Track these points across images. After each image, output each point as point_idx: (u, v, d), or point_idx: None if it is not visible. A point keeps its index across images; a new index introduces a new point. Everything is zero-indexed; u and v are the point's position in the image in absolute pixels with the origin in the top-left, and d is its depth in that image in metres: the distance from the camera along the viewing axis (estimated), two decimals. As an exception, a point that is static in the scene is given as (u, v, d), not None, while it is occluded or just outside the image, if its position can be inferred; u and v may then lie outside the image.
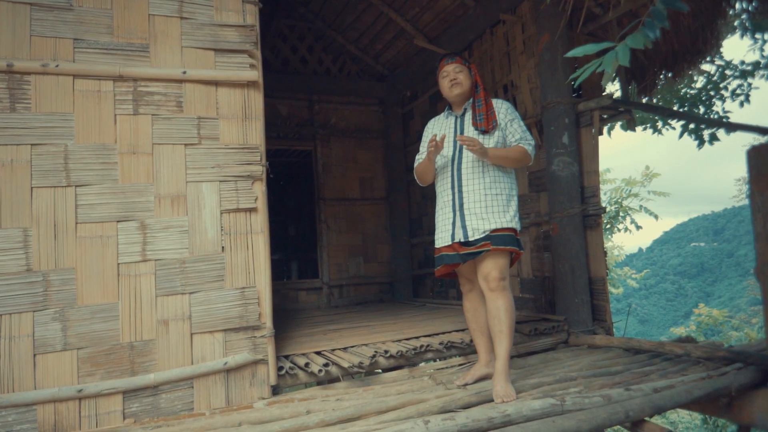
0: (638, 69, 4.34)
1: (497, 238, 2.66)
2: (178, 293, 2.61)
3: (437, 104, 5.83)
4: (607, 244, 11.36)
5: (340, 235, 6.23)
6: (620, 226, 10.25)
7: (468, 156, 2.78)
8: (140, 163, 2.60)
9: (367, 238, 6.42)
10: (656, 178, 10.64)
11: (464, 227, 2.72)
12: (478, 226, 2.69)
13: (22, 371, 2.34)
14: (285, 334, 3.89)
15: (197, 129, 2.72)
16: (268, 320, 2.78)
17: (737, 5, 3.49)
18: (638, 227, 10.15)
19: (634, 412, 2.24)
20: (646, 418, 2.33)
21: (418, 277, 6.35)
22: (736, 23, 6.65)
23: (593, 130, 3.75)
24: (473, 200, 2.73)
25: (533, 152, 2.82)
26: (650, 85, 4.34)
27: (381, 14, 5.70)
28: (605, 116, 4.24)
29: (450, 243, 2.78)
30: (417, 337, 3.41)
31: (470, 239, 2.69)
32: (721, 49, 6.37)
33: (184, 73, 2.68)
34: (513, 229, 2.73)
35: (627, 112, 4.08)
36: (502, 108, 2.86)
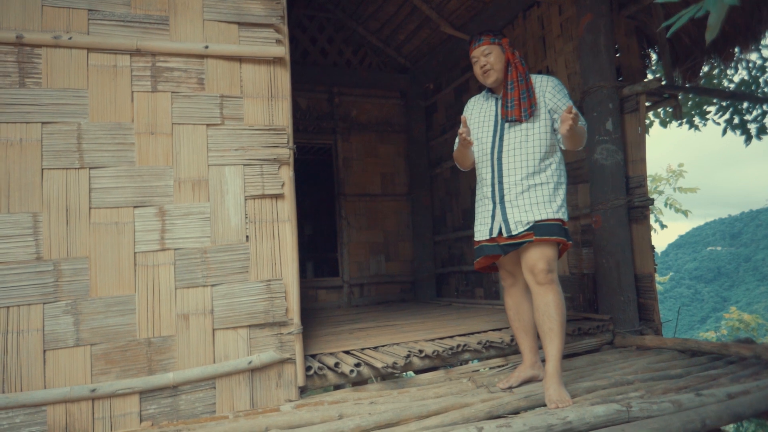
0: (683, 53, 4.07)
1: (542, 228, 2.40)
2: (199, 285, 2.40)
3: (462, 97, 5.60)
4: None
5: (360, 232, 6.01)
6: None
7: (509, 143, 2.51)
8: (159, 144, 2.40)
9: (388, 235, 6.18)
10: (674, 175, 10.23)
11: (506, 221, 2.47)
12: (521, 218, 2.43)
13: (31, 369, 2.14)
14: (308, 332, 3.67)
15: (220, 108, 2.51)
16: (295, 316, 2.56)
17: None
18: (663, 226, 9.73)
19: (711, 420, 1.99)
20: (723, 428, 2.08)
21: (441, 275, 6.11)
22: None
23: (639, 117, 3.49)
24: (516, 192, 2.46)
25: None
26: (695, 70, 4.06)
27: (404, 2, 5.48)
28: (648, 104, 3.99)
29: (488, 237, 2.54)
30: (452, 337, 3.17)
31: (513, 233, 2.44)
32: (762, 42, 6.08)
33: (206, 47, 2.48)
34: (560, 219, 2.45)
35: (673, 99, 3.83)
36: (548, 86, 2.52)
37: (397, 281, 6.17)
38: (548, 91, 2.53)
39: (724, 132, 6.19)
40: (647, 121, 6.38)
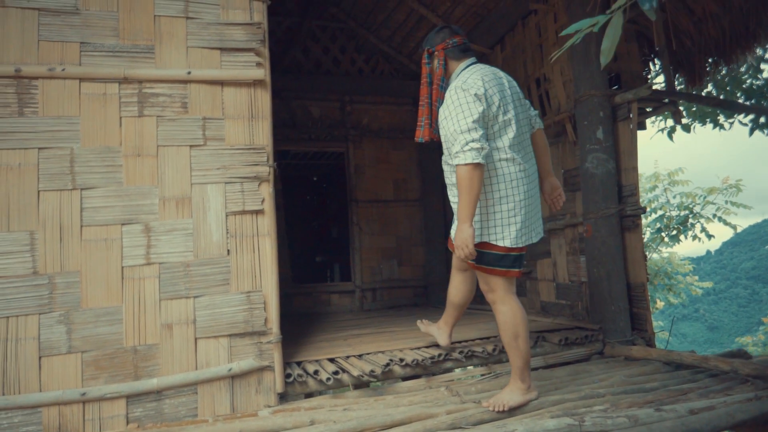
0: (685, 57, 3.99)
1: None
2: (182, 297, 2.57)
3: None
4: (670, 250, 10.54)
5: (372, 237, 6.11)
6: (690, 234, 9.40)
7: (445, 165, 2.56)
8: (145, 165, 2.58)
9: (401, 240, 6.26)
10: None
11: None
12: None
13: (28, 373, 2.35)
14: (305, 338, 3.81)
15: (202, 130, 2.67)
16: (274, 326, 2.69)
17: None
18: (710, 236, 9.33)
19: (663, 437, 2.00)
20: (679, 444, 2.07)
21: (453, 280, 6.14)
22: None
23: (631, 125, 3.46)
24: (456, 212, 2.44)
25: (467, 157, 2.18)
26: (699, 74, 3.97)
27: (412, 11, 5.55)
28: (648, 109, 3.93)
29: None
30: (437, 345, 3.23)
31: None
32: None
33: (189, 73, 2.64)
34: (483, 243, 2.38)
35: (672, 104, 3.76)
36: (442, 107, 2.36)
37: (410, 285, 6.24)
38: (441, 113, 2.37)
39: (751, 132, 5.97)
40: (667, 126, 6.20)
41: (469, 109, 2.24)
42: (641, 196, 9.79)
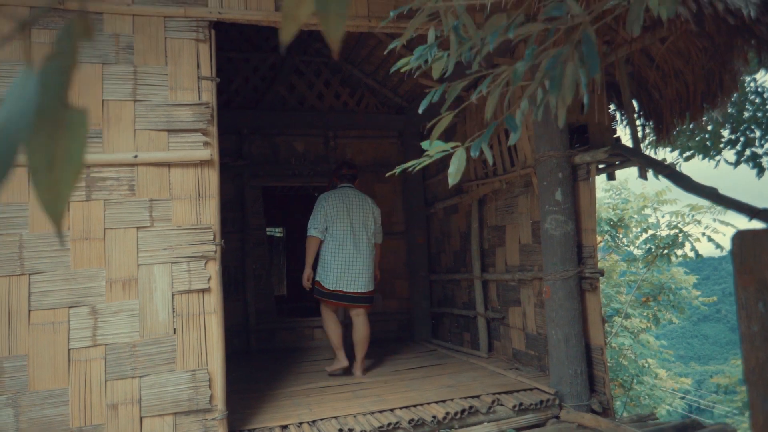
0: (653, 109, 3.95)
1: None
2: (128, 377, 2.64)
3: (452, 139, 5.62)
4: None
5: (356, 271, 6.14)
6: (679, 252, 9.30)
7: None
8: (92, 249, 2.65)
9: (385, 273, 6.28)
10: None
11: None
12: None
13: (-23, 456, 2.44)
14: (271, 390, 3.87)
15: (149, 212, 2.73)
16: (220, 402, 2.75)
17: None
18: (698, 255, 9.21)
19: None
20: None
21: (437, 315, 6.16)
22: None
23: (590, 185, 3.45)
24: None
25: (308, 232, 4.26)
26: (667, 127, 3.92)
27: (392, 50, 5.57)
28: (617, 162, 3.90)
29: None
30: (392, 410, 3.26)
31: None
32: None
33: (136, 157, 2.71)
34: (317, 282, 4.29)
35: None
36: None
37: (395, 318, 6.27)
38: None
39: (736, 164, 5.90)
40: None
41: (317, 209, 4.23)
42: (632, 218, 9.70)
